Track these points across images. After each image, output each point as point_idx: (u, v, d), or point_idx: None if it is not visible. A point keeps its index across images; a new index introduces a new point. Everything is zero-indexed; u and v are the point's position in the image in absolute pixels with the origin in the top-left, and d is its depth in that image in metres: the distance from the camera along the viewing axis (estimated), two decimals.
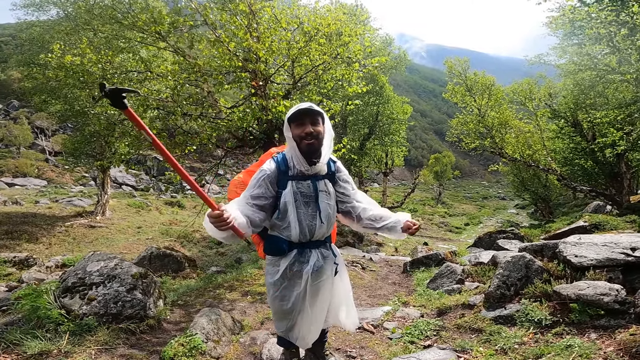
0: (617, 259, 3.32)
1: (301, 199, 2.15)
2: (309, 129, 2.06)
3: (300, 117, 2.06)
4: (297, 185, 2.14)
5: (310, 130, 2.06)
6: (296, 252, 2.21)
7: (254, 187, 2.10)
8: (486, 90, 14.68)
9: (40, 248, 9.31)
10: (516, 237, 8.72)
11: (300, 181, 2.15)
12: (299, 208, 2.15)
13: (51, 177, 26.83)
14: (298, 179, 2.14)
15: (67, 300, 3.90)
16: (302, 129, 2.06)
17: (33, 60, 11.31)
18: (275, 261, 2.26)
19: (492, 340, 3.05)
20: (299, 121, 2.07)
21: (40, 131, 33.86)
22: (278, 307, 2.31)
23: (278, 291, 2.25)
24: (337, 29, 6.10)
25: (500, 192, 48.56)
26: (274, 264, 2.26)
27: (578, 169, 14.21)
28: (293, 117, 2.07)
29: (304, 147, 2.08)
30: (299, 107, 2.05)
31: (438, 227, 24.67)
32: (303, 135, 2.06)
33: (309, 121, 2.07)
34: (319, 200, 2.19)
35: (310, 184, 2.17)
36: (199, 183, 9.54)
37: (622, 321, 2.72)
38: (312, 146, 2.07)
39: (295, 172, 2.14)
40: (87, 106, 10.47)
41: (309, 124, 2.07)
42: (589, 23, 8.22)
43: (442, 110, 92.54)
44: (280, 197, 2.14)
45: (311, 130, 2.06)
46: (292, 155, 2.13)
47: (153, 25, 5.44)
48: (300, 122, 2.07)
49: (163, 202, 19.13)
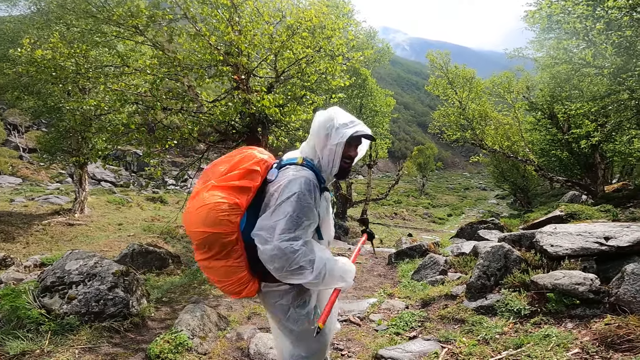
0: (591, 248, 3.45)
1: (327, 212, 2.00)
2: (355, 154, 1.95)
3: (359, 140, 1.93)
4: (326, 196, 1.97)
5: (355, 155, 1.95)
6: None
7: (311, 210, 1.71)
8: (467, 83, 14.90)
9: (18, 247, 9.02)
10: (496, 227, 8.94)
11: (326, 192, 1.97)
12: (326, 223, 2.00)
13: (26, 175, 25.83)
14: (325, 190, 1.94)
15: (47, 299, 3.86)
16: (354, 152, 1.93)
17: (3, 56, 10.84)
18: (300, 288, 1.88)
19: (474, 330, 3.14)
20: (356, 143, 1.93)
21: (14, 127, 32.50)
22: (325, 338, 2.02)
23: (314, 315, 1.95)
24: (320, 22, 6.05)
25: (481, 183, 49.63)
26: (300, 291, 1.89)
27: (554, 159, 14.65)
28: (356, 138, 1.88)
29: (343, 168, 1.90)
30: (366, 132, 1.87)
31: (422, 218, 25.09)
32: (351, 157, 1.92)
33: (356, 145, 1.95)
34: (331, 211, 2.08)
35: (328, 195, 2.01)
36: (181, 177, 9.28)
37: (597, 310, 2.83)
38: (349, 170, 1.96)
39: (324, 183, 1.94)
40: (61, 102, 10.10)
41: (355, 147, 1.95)
42: (566, 17, 8.40)
43: (425, 103, 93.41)
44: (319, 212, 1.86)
45: (355, 155, 1.96)
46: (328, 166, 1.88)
47: (130, 19, 5.27)
48: (356, 144, 1.93)
49: (144, 197, 18.75)
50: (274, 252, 1.61)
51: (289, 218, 1.63)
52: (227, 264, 1.74)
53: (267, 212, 1.70)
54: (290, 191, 1.67)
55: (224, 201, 1.68)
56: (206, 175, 1.88)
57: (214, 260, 1.74)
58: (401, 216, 24.73)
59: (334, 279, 1.73)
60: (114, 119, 9.89)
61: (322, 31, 6.25)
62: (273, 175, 1.81)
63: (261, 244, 1.64)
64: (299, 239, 1.63)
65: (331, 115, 1.87)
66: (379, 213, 24.33)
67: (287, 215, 1.63)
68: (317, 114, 1.93)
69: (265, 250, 1.63)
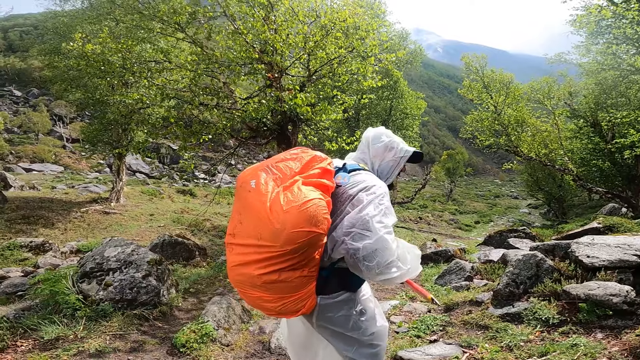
0: (629, 260, 3.30)
1: None
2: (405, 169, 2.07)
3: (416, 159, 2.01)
4: None
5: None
6: None
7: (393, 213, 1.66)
8: (504, 87, 14.41)
9: (56, 233, 9.50)
10: (527, 237, 8.63)
11: None
12: None
13: (68, 164, 27.43)
14: None
15: (85, 285, 4.02)
16: (404, 168, 2.03)
17: (55, 50, 11.52)
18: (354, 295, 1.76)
19: (498, 337, 3.07)
20: (410, 163, 2.02)
21: (59, 118, 34.62)
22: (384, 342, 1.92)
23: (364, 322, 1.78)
24: (354, 22, 6.09)
25: (513, 191, 47.80)
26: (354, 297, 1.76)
27: (595, 169, 13.92)
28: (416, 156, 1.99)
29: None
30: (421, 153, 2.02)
31: (448, 224, 24.49)
32: (401, 171, 2.03)
33: None
34: None
35: None
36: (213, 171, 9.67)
37: (629, 322, 2.72)
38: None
39: None
40: (107, 95, 10.64)
41: None
42: (616, 22, 8.01)
43: (457, 107, 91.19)
44: None
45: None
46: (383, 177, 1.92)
47: (173, 16, 5.52)
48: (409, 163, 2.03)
49: (175, 190, 19.41)
50: (378, 245, 1.48)
51: (385, 211, 1.57)
52: (303, 273, 1.51)
53: (354, 211, 1.57)
54: (380, 189, 1.65)
55: (322, 198, 1.53)
56: (270, 170, 1.62)
57: (289, 270, 1.48)
58: (426, 221, 24.26)
59: (417, 271, 1.69)
60: (154, 113, 10.33)
61: (356, 32, 6.28)
62: (344, 179, 1.71)
63: (356, 241, 1.50)
64: (391, 233, 1.54)
65: (383, 131, 2.00)
66: (403, 217, 23.98)
67: (382, 210, 1.56)
68: (368, 130, 2.03)
69: (366, 246, 1.49)
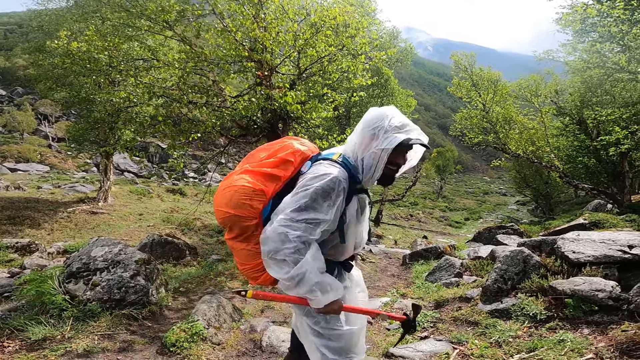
0: (614, 256, 3.37)
1: (358, 215, 1.82)
2: (404, 162, 1.79)
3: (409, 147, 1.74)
4: (360, 200, 1.79)
5: (404, 163, 1.79)
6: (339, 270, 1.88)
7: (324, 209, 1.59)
8: (492, 85, 14.57)
9: (42, 234, 9.31)
10: (515, 233, 8.75)
11: (361, 195, 1.79)
12: (355, 226, 1.82)
13: (54, 163, 26.88)
14: (360, 193, 1.78)
15: (72, 285, 3.95)
16: (403, 160, 1.77)
17: (39, 48, 11.28)
18: None
19: (487, 333, 3.12)
20: (407, 150, 1.76)
21: (44, 117, 33.92)
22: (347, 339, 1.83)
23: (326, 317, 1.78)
24: (344, 20, 6.08)
25: (502, 188, 48.49)
26: None
27: (581, 166, 14.16)
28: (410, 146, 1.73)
29: (386, 175, 1.75)
30: (421, 140, 1.70)
31: (438, 221, 24.75)
32: (396, 165, 1.75)
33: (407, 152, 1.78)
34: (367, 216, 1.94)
35: (366, 197, 1.85)
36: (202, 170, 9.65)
37: (615, 317, 2.78)
38: (394, 178, 1.80)
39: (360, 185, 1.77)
40: (93, 93, 10.45)
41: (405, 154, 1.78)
42: (601, 21, 8.14)
43: (447, 105, 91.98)
44: (345, 216, 1.73)
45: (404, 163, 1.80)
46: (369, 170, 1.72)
47: (161, 14, 5.44)
48: (406, 151, 1.76)
49: (164, 189, 19.21)
50: (268, 235, 1.56)
51: (298, 208, 1.56)
52: (247, 247, 1.75)
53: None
54: (311, 184, 1.59)
55: (249, 185, 1.68)
56: (246, 159, 1.86)
57: (237, 241, 1.77)
58: (417, 218, 24.48)
59: (304, 288, 1.57)
60: (142, 112, 10.18)
61: (346, 30, 6.28)
62: (306, 168, 1.75)
63: (268, 225, 1.61)
64: (297, 230, 1.54)
65: (383, 114, 1.72)
66: (394, 214, 24.16)
67: (297, 205, 1.57)
68: (370, 109, 1.79)
69: (265, 230, 1.60)
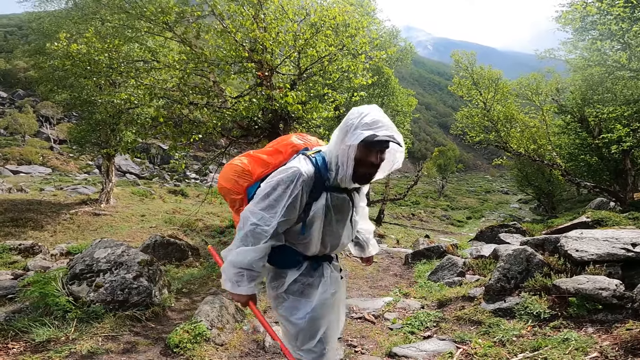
0: (617, 254, 3.35)
1: (332, 214, 1.77)
2: (377, 161, 1.69)
3: (380, 144, 1.64)
4: (332, 197, 1.75)
5: (378, 162, 1.70)
6: (307, 265, 1.88)
7: (283, 200, 1.65)
8: (492, 84, 14.55)
9: (45, 236, 9.34)
10: (518, 231, 8.72)
11: (336, 193, 1.76)
12: (327, 225, 1.78)
13: (56, 165, 26.97)
14: (334, 191, 1.75)
15: (75, 287, 3.97)
16: (374, 158, 1.67)
17: (40, 50, 11.30)
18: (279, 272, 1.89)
19: (490, 332, 3.10)
20: (378, 148, 1.66)
21: (46, 119, 33.98)
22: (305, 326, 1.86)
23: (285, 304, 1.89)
24: (343, 20, 6.08)
25: (504, 187, 48.38)
26: (279, 275, 1.89)
27: (583, 164, 14.14)
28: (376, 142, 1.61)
29: (361, 174, 1.69)
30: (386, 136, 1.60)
31: (440, 220, 24.71)
32: (369, 164, 1.67)
33: (381, 150, 1.69)
34: (352, 218, 1.90)
35: (346, 198, 1.81)
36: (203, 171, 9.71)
37: (619, 316, 2.76)
38: (371, 177, 1.73)
39: (333, 183, 1.73)
40: (94, 95, 10.46)
41: (380, 153, 1.69)
42: (601, 19, 8.12)
43: (447, 104, 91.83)
44: (309, 209, 1.72)
45: (379, 162, 1.70)
46: (340, 168, 1.68)
47: (161, 16, 5.45)
48: (378, 149, 1.67)
49: (166, 190, 19.22)
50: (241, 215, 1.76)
51: (261, 197, 1.71)
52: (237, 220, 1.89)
53: None
54: (274, 176, 1.72)
55: (240, 165, 1.93)
56: None
57: (234, 214, 2.05)
58: (419, 217, 24.44)
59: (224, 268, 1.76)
60: (143, 113, 10.20)
61: (346, 29, 6.27)
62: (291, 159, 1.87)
63: None
64: (254, 218, 1.69)
65: (359, 111, 1.68)
66: (396, 213, 24.13)
67: (261, 195, 1.72)
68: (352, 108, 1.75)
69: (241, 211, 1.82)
